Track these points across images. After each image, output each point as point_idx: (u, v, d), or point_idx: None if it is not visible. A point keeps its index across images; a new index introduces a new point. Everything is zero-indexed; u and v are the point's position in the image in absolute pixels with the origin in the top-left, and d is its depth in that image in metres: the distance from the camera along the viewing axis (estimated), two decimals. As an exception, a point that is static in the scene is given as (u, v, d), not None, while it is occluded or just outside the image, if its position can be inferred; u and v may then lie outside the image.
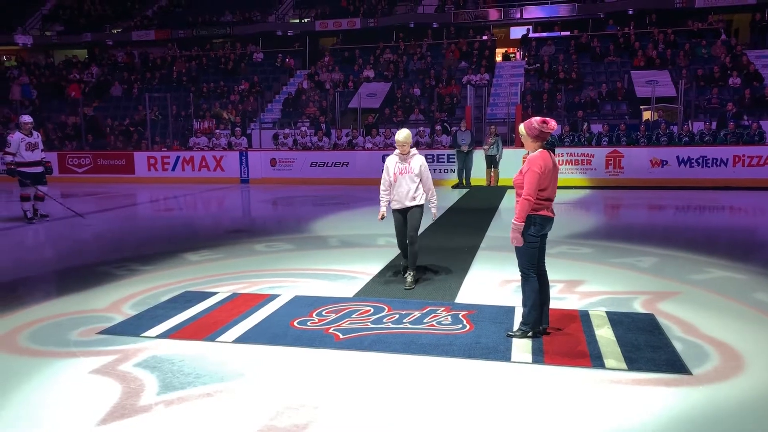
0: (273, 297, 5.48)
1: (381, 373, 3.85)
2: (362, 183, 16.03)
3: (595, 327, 4.58)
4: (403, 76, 21.03)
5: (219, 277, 6.30)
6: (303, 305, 5.19)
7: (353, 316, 4.88)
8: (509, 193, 4.26)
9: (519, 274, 4.40)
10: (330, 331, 4.55)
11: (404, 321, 4.75)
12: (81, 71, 25.19)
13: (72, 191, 15.57)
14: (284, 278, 6.23)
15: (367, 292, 5.67)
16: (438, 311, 4.99)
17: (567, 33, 23.48)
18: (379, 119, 18.78)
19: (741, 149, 14.49)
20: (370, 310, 5.03)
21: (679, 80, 16.85)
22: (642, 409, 3.32)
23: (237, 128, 18.75)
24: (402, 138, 5.84)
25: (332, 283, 6.02)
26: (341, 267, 6.68)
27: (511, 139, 16.73)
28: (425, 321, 4.75)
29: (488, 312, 4.95)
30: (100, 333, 4.59)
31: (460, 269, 6.52)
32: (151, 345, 4.34)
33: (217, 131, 19.15)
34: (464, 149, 15.03)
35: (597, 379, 3.70)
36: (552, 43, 21.54)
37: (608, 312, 4.94)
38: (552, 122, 4.23)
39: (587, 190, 14.44)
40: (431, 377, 3.78)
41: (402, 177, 5.83)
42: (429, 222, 7.01)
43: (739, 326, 4.63)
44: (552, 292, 5.55)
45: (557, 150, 15.41)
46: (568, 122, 16.61)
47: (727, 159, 14.46)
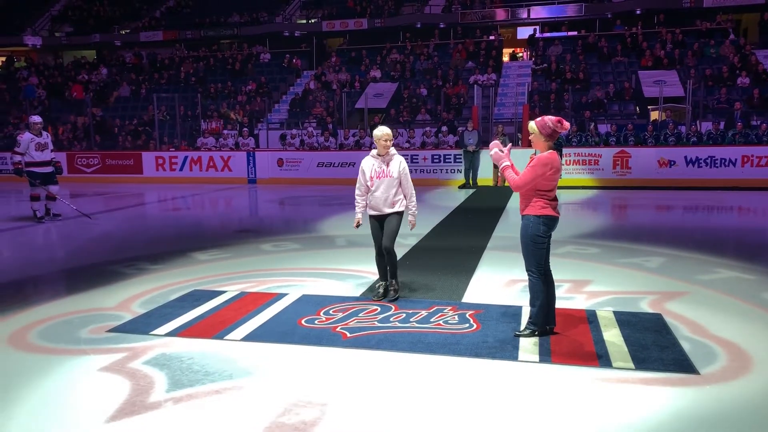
0: (281, 296, 5.51)
1: (388, 372, 3.86)
2: (369, 183, 16.04)
3: (603, 327, 4.58)
4: (410, 76, 21.05)
5: (227, 276, 6.34)
6: (310, 304, 5.21)
7: (360, 315, 4.90)
8: (516, 194, 4.28)
9: (526, 274, 4.41)
10: (337, 330, 4.57)
11: (411, 320, 4.77)
12: (89, 72, 25.34)
13: (81, 191, 15.67)
14: (292, 277, 6.26)
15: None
16: (445, 310, 5.00)
17: (574, 33, 23.42)
18: (386, 119, 18.80)
19: (749, 149, 14.41)
20: (377, 309, 5.05)
21: (687, 80, 16.78)
22: (650, 409, 3.32)
23: (244, 128, 18.83)
24: (380, 134, 5.16)
25: (339, 283, 6.04)
26: (348, 266, 6.70)
27: (519, 139, 16.71)
28: (432, 320, 4.76)
29: (495, 311, 4.96)
30: (110, 331, 4.63)
31: (467, 269, 6.53)
32: (160, 343, 4.37)
33: (225, 132, 19.22)
34: (471, 149, 15.03)
35: (604, 379, 3.71)
36: (559, 43, 21.49)
37: (615, 312, 4.94)
38: (566, 123, 4.25)
39: (594, 191, 14.40)
40: (438, 376, 3.80)
41: (380, 181, 5.17)
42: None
43: (748, 326, 4.62)
44: (559, 292, 5.55)
45: (564, 150, 15.40)
46: (576, 122, 16.58)
47: (736, 159, 14.39)
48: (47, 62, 28.29)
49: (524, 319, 4.61)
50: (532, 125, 4.30)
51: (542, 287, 4.31)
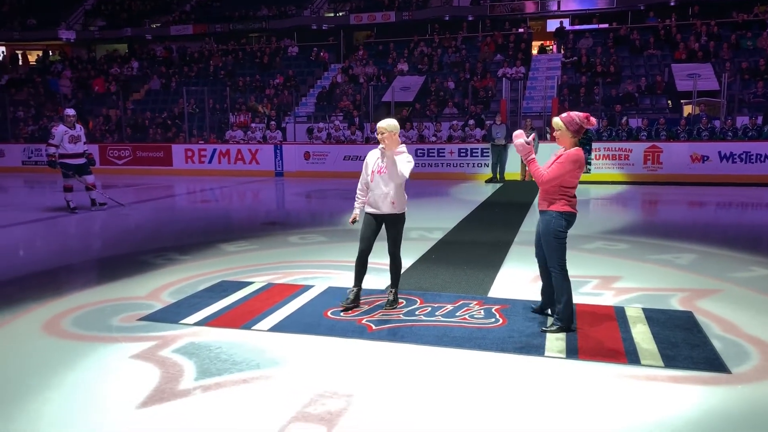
0: (307, 288, 5.56)
1: (413, 365, 3.87)
2: (395, 177, 16.04)
3: (631, 323, 4.51)
4: (438, 70, 20.94)
5: (254, 268, 6.41)
6: (336, 296, 5.24)
7: (385, 308, 4.91)
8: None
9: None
10: (363, 322, 4.59)
11: (436, 314, 4.76)
12: (121, 66, 25.79)
13: (112, 182, 15.98)
14: (318, 269, 6.30)
15: (399, 285, 5.68)
16: (471, 305, 4.99)
17: (605, 25, 23.01)
18: (413, 113, 18.76)
19: (787, 145, 14.03)
20: (402, 302, 5.05)
21: (723, 73, 16.38)
22: (679, 407, 3.27)
23: (272, 122, 18.97)
24: (384, 125, 4.71)
25: (366, 275, 6.05)
26: (373, 260, 6.67)
27: (547, 133, 16.51)
28: (457, 314, 4.75)
29: (521, 307, 4.93)
30: (141, 319, 4.73)
31: (494, 264, 6.49)
32: (190, 332, 4.45)
33: (253, 125, 19.40)
34: (499, 143, 14.91)
35: (632, 376, 3.66)
36: (590, 36, 21.15)
37: (645, 309, 4.86)
38: (593, 119, 4.18)
39: (624, 186, 14.18)
40: (464, 370, 3.79)
41: (380, 177, 4.75)
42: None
43: (782, 326, 4.51)
44: (587, 288, 5.51)
45: (594, 144, 15.17)
46: (606, 116, 16.32)
47: (772, 155, 14.02)
48: (81, 56, 28.86)
49: (551, 316, 4.57)
50: (558, 122, 4.23)
51: (567, 283, 4.29)
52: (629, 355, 3.93)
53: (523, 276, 5.99)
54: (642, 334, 4.29)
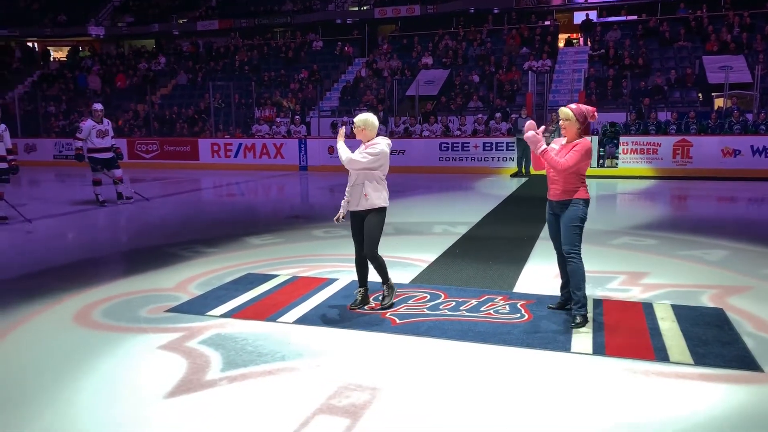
0: (331, 281, 5.58)
1: (437, 359, 3.86)
2: (418, 171, 16.02)
3: (660, 320, 4.44)
4: (462, 63, 20.79)
5: (280, 261, 6.46)
6: (360, 290, 5.24)
7: (409, 302, 4.90)
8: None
9: None
10: (386, 316, 4.60)
11: (461, 308, 4.74)
12: (149, 61, 26.13)
13: (140, 176, 16.24)
14: (342, 263, 6.32)
15: (423, 279, 5.68)
16: (495, 300, 4.95)
17: (634, 17, 22.58)
18: (437, 106, 18.67)
19: (823, 138, 13.64)
20: (426, 297, 5.04)
21: (756, 65, 15.95)
22: (709, 405, 3.21)
23: (296, 116, 19.05)
24: (358, 121, 4.62)
25: (389, 270, 6.05)
26: (397, 254, 6.71)
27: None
28: (482, 309, 4.73)
29: (547, 302, 4.87)
30: (168, 311, 4.80)
31: (519, 259, 6.44)
32: (216, 324, 4.50)
33: (278, 119, 19.51)
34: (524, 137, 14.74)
35: (660, 373, 3.60)
36: (618, 28, 20.78)
37: (674, 305, 4.78)
38: (596, 114, 4.52)
39: (653, 181, 13.94)
40: (488, 365, 3.77)
41: (356, 171, 4.65)
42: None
43: (817, 324, 4.39)
44: (614, 284, 5.44)
45: (622, 138, 14.94)
46: (634, 110, 16.04)
47: (807, 149, 13.64)
48: (110, 52, 29.32)
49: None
50: (568, 112, 4.39)
51: (583, 269, 4.39)
52: (657, 352, 3.87)
53: (550, 271, 5.92)
54: (671, 331, 4.21)
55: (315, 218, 9.78)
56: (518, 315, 4.59)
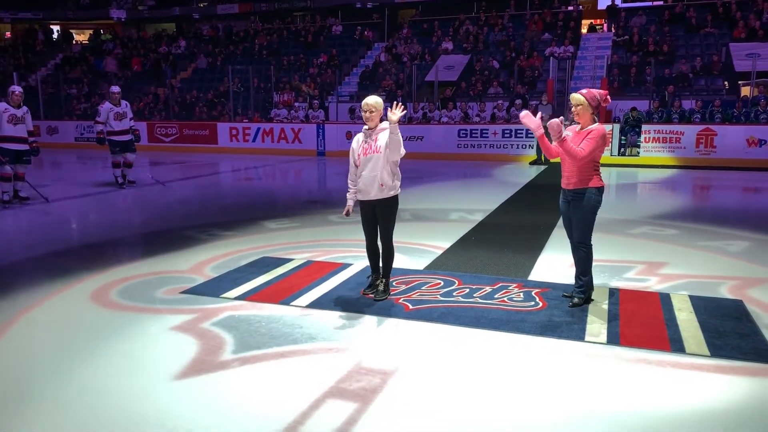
0: (346, 266, 5.58)
1: (450, 345, 3.85)
2: (436, 157, 15.93)
3: (677, 311, 4.38)
4: (483, 48, 20.55)
5: (295, 245, 6.48)
6: (374, 275, 5.24)
7: (423, 288, 4.89)
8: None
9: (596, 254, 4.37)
10: (400, 302, 4.59)
11: (474, 295, 4.72)
12: (169, 44, 26.23)
13: (160, 159, 16.37)
14: (356, 248, 6.30)
15: (438, 266, 5.67)
16: (510, 287, 4.92)
17: (660, 2, 22.08)
18: (457, 92, 18.51)
19: None
20: (440, 283, 5.03)
21: (785, 53, 15.55)
22: (725, 397, 3.16)
23: (315, 101, 19.01)
24: (374, 103, 4.38)
25: (403, 256, 6.04)
26: (412, 240, 6.69)
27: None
28: (496, 296, 4.70)
29: (563, 290, 4.83)
30: (183, 292, 4.84)
31: (535, 247, 6.38)
32: (230, 306, 4.53)
33: (296, 104, 19.50)
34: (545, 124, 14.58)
35: (676, 364, 3.55)
36: (643, 14, 20.35)
37: (692, 296, 4.71)
38: (609, 98, 4.48)
39: (675, 170, 13.71)
40: (502, 352, 3.75)
41: (366, 158, 4.42)
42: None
43: (840, 318, 4.29)
44: (631, 274, 5.37)
45: (644, 127, 14.69)
46: (657, 97, 15.74)
47: (836, 139, 13.30)
48: (131, 35, 29.48)
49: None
50: (580, 97, 4.36)
51: (592, 258, 4.49)
52: (673, 343, 3.82)
53: (565, 260, 5.85)
54: (688, 322, 4.15)
55: (331, 203, 9.78)
56: (532, 303, 4.56)
